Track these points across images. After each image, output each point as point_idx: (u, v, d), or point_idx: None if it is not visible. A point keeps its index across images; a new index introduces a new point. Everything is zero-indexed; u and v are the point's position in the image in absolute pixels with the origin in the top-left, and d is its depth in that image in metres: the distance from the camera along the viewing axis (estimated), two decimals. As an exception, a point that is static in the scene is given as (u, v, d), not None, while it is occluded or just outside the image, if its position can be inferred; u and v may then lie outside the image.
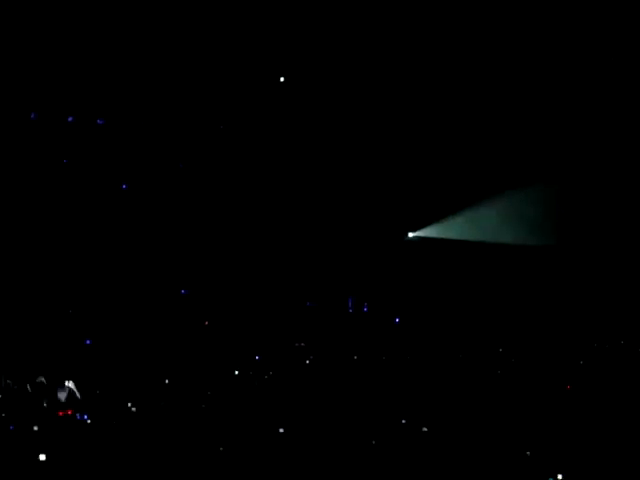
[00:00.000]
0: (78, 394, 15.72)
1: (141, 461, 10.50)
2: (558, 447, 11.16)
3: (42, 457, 10.28)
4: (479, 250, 23.85)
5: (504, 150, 23.20)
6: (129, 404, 13.35)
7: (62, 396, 15.71)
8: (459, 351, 20.81)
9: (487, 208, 23.23)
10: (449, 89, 22.46)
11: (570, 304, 23.83)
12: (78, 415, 12.40)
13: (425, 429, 12.10)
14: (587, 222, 23.85)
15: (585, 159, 23.45)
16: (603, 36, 20.76)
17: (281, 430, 11.81)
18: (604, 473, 10.42)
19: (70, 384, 15.85)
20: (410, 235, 24.35)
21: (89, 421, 12.26)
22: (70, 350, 20.53)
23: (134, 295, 22.31)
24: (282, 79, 21.66)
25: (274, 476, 10.36)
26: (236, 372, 18.13)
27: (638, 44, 20.78)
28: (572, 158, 23.27)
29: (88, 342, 21.34)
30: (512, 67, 21.79)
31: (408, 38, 21.38)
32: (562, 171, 23.23)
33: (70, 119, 21.13)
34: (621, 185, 23.35)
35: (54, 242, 21.40)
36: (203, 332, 22.79)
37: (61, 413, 12.51)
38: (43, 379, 15.52)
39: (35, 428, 11.51)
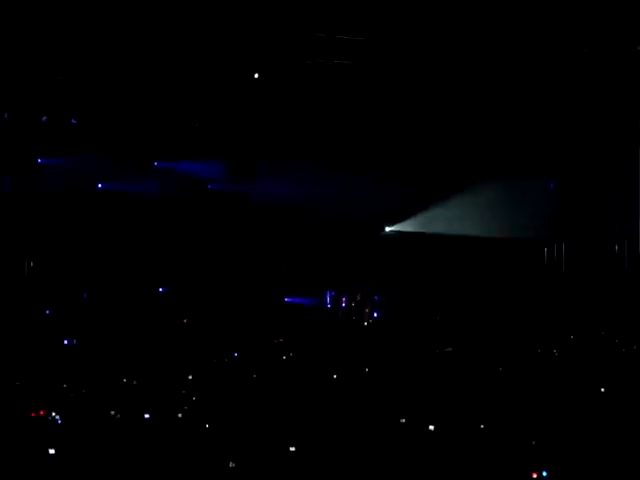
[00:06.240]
0: None
1: (118, 461, 10.50)
2: (539, 440, 11.21)
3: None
4: (455, 244, 23.94)
5: (478, 147, 23.27)
6: (107, 403, 13.32)
7: None
8: (437, 343, 20.87)
9: (461, 203, 23.30)
10: (425, 86, 22.47)
11: (543, 296, 23.98)
12: (50, 417, 12.35)
13: (403, 420, 12.13)
14: (555, 215, 24.00)
15: (553, 155, 23.57)
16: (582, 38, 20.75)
17: (261, 428, 11.82)
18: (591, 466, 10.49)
19: None
20: (387, 229, 24.40)
21: (67, 421, 12.22)
22: (48, 350, 20.47)
23: (112, 293, 22.28)
24: (256, 75, 21.62)
25: (254, 475, 10.37)
26: (214, 369, 18.11)
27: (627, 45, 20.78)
28: (541, 154, 23.36)
29: (66, 342, 21.29)
30: (489, 65, 21.76)
31: (395, 39, 21.30)
32: (535, 166, 23.31)
33: (44, 119, 21.05)
34: (596, 179, 23.46)
35: (30, 243, 21.31)
36: (181, 329, 22.78)
37: (33, 414, 12.45)
38: None
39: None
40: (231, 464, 9.62)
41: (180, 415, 12.74)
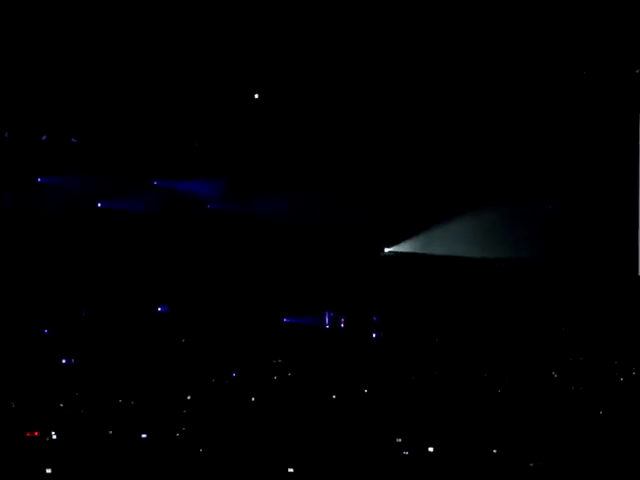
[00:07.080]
0: None
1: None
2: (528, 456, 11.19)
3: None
4: (454, 265, 23.93)
5: (477, 168, 23.29)
6: (105, 423, 13.30)
7: None
8: (435, 365, 20.86)
9: (461, 224, 23.31)
10: (426, 106, 22.50)
11: (541, 317, 23.97)
12: (48, 436, 12.32)
13: (399, 440, 12.12)
14: (558, 236, 24.01)
15: (554, 177, 23.60)
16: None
17: (260, 448, 11.78)
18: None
19: None
20: (386, 250, 24.40)
21: (64, 441, 12.19)
22: (47, 370, 20.44)
23: (111, 312, 22.25)
24: (256, 96, 21.66)
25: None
26: (213, 389, 18.09)
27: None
28: (540, 176, 23.39)
29: (64, 361, 21.25)
30: (489, 88, 21.79)
31: (390, 50, 21.31)
32: (534, 188, 23.34)
33: (44, 138, 21.07)
34: (595, 201, 23.49)
35: (29, 261, 21.30)
36: (180, 349, 22.74)
37: (28, 434, 12.43)
38: None
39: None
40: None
41: (178, 435, 12.71)
